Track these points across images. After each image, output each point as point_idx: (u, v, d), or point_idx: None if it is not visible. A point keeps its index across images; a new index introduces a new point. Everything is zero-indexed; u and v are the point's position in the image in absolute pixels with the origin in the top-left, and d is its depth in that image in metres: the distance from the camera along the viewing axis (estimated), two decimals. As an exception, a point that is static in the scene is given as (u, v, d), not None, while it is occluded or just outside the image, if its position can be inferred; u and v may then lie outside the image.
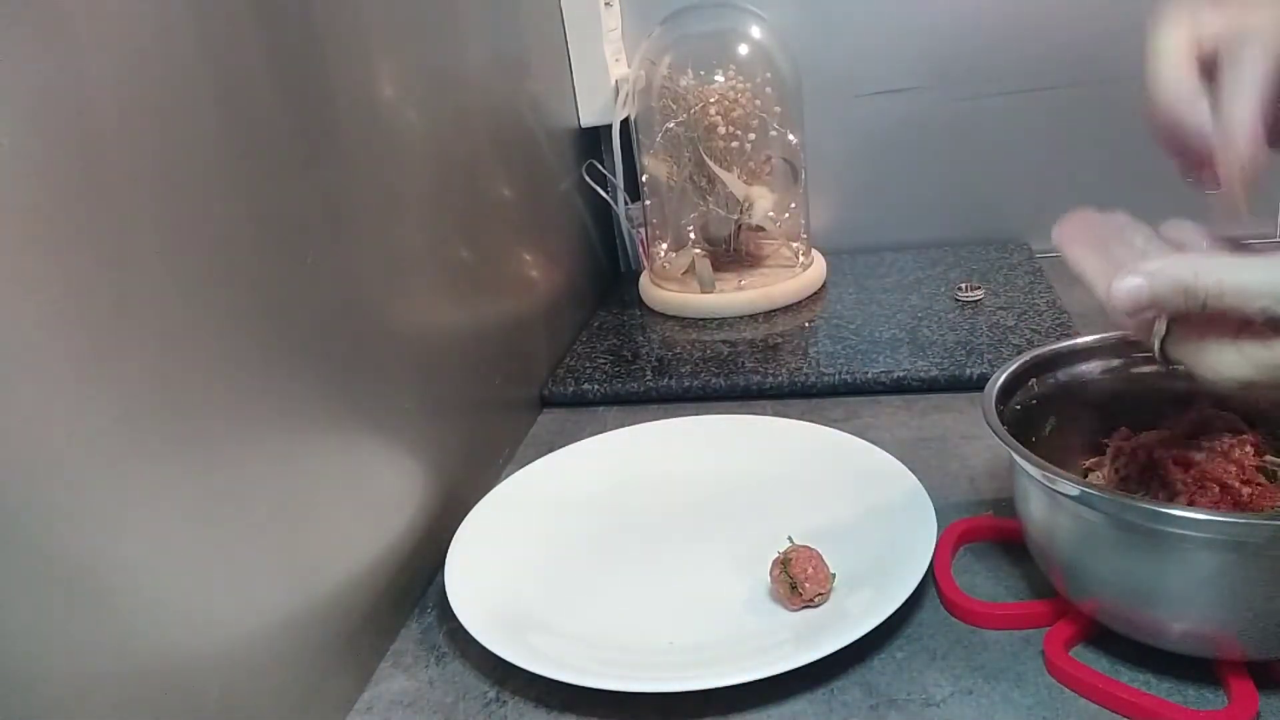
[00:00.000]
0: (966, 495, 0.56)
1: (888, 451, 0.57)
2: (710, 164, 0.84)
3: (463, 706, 0.45)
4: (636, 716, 0.43)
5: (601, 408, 0.74)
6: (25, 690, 0.28)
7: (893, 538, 0.50)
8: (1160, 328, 0.36)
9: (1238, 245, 0.37)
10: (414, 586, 0.53)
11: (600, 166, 0.94)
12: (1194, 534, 0.36)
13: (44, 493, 0.29)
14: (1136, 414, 0.49)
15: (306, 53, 0.45)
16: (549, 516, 0.58)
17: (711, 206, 0.88)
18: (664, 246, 0.93)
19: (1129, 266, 0.34)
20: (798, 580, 0.46)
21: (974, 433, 0.62)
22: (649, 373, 0.76)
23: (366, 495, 0.48)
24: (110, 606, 0.31)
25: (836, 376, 0.70)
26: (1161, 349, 0.37)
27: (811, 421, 0.64)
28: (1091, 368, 0.50)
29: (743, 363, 0.75)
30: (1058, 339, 0.50)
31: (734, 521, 0.56)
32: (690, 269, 0.88)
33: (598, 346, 0.83)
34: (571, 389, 0.75)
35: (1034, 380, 0.49)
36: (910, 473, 0.54)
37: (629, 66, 0.94)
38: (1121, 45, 0.88)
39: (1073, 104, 0.90)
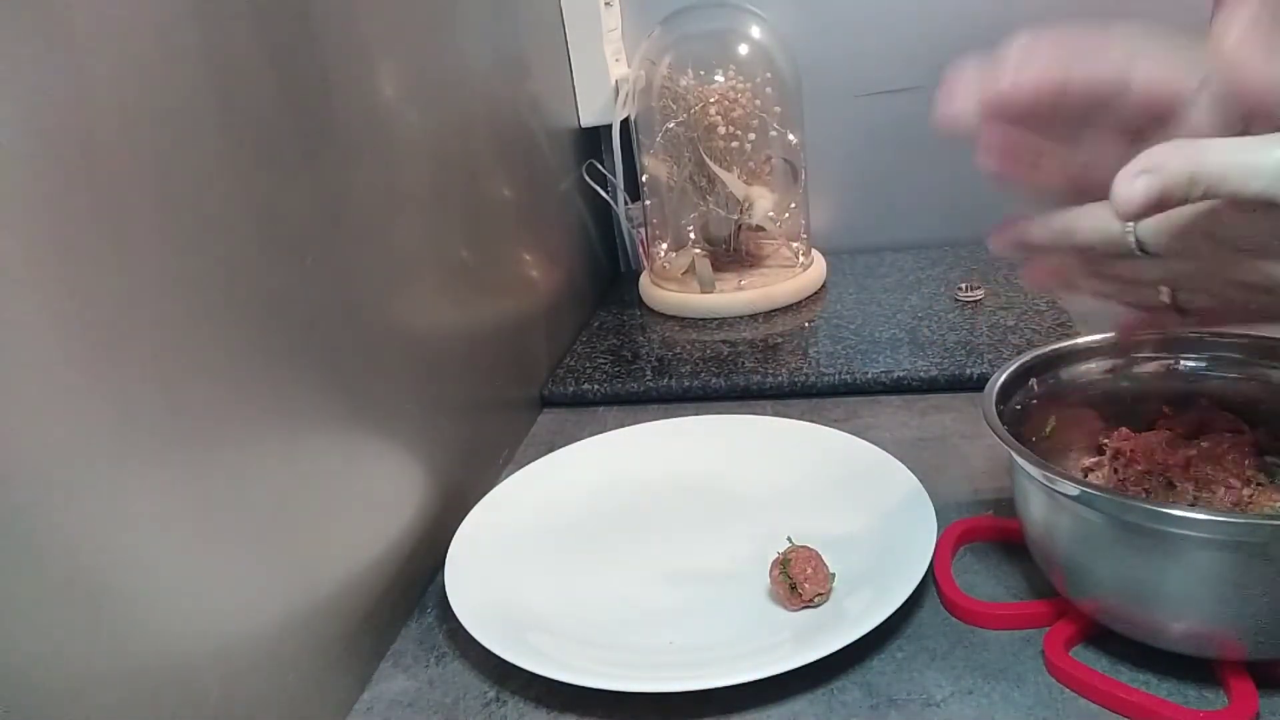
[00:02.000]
0: (966, 495, 0.56)
1: (888, 451, 0.57)
2: (710, 164, 0.84)
3: (463, 706, 0.45)
4: (636, 716, 0.43)
5: (601, 408, 0.74)
6: (25, 690, 0.28)
7: (893, 538, 0.50)
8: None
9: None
10: (414, 586, 0.53)
11: (600, 166, 0.94)
12: (1194, 534, 0.36)
13: (44, 493, 0.29)
14: (1136, 414, 0.49)
15: (306, 53, 0.45)
16: (549, 516, 0.58)
17: (711, 206, 0.88)
18: (664, 246, 0.93)
19: (1124, 170, 0.33)
20: (797, 581, 0.46)
21: (974, 433, 0.62)
22: (649, 373, 0.76)
23: (366, 495, 0.48)
24: (110, 606, 0.31)
25: (836, 376, 0.70)
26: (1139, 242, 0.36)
27: (811, 421, 0.64)
28: (1091, 368, 0.50)
29: (743, 363, 0.75)
30: (1058, 339, 0.50)
31: (733, 521, 0.56)
32: (690, 269, 0.88)
33: (598, 346, 0.83)
34: (571, 389, 0.75)
35: (1034, 380, 0.49)
36: (910, 473, 0.54)
37: (629, 66, 0.94)
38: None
39: (1073, 104, 0.90)
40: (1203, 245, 0.35)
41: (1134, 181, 0.32)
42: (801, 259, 0.90)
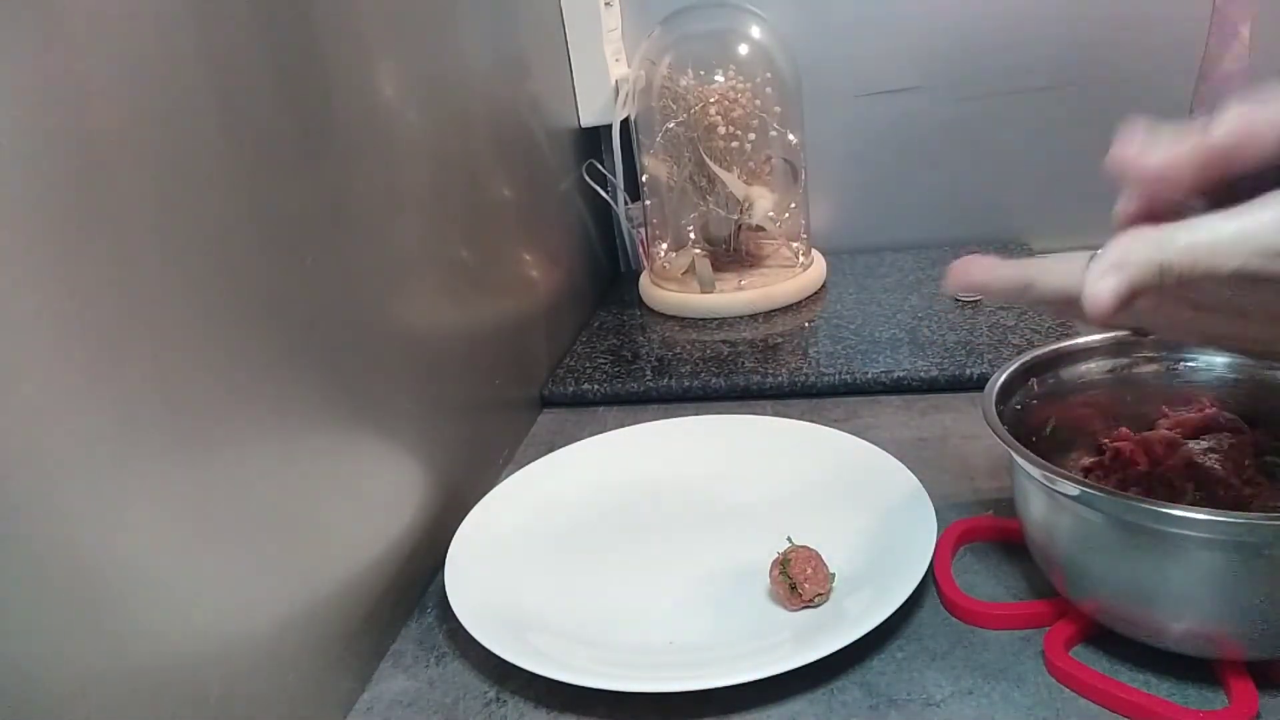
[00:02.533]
0: (966, 495, 0.56)
1: (888, 451, 0.57)
2: (710, 164, 0.84)
3: (463, 706, 0.45)
4: (636, 716, 0.43)
5: (601, 408, 0.74)
6: (25, 690, 0.28)
7: (893, 538, 0.50)
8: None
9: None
10: (414, 586, 0.53)
11: (600, 166, 0.94)
12: (1194, 534, 0.36)
13: (44, 493, 0.29)
14: (1136, 414, 0.49)
15: (307, 53, 0.45)
16: (549, 516, 0.58)
17: (711, 206, 0.88)
18: (664, 246, 0.93)
19: (1092, 267, 0.32)
20: (797, 581, 0.46)
21: (974, 433, 0.62)
22: (649, 373, 0.76)
23: (366, 495, 0.48)
24: (109, 606, 0.31)
25: (836, 376, 0.70)
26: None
27: (811, 421, 0.64)
28: (1091, 368, 0.50)
29: (743, 363, 0.75)
30: (1058, 339, 0.50)
31: (734, 521, 0.56)
32: (690, 269, 0.88)
33: (598, 346, 0.83)
34: (571, 389, 0.75)
35: (1034, 380, 0.49)
36: (910, 473, 0.54)
37: (629, 66, 0.94)
38: (1121, 45, 0.88)
39: (1073, 104, 0.90)
40: (1177, 307, 0.35)
41: (1101, 281, 0.31)
42: (801, 259, 0.90)
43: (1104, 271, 0.31)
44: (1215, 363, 0.48)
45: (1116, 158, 0.34)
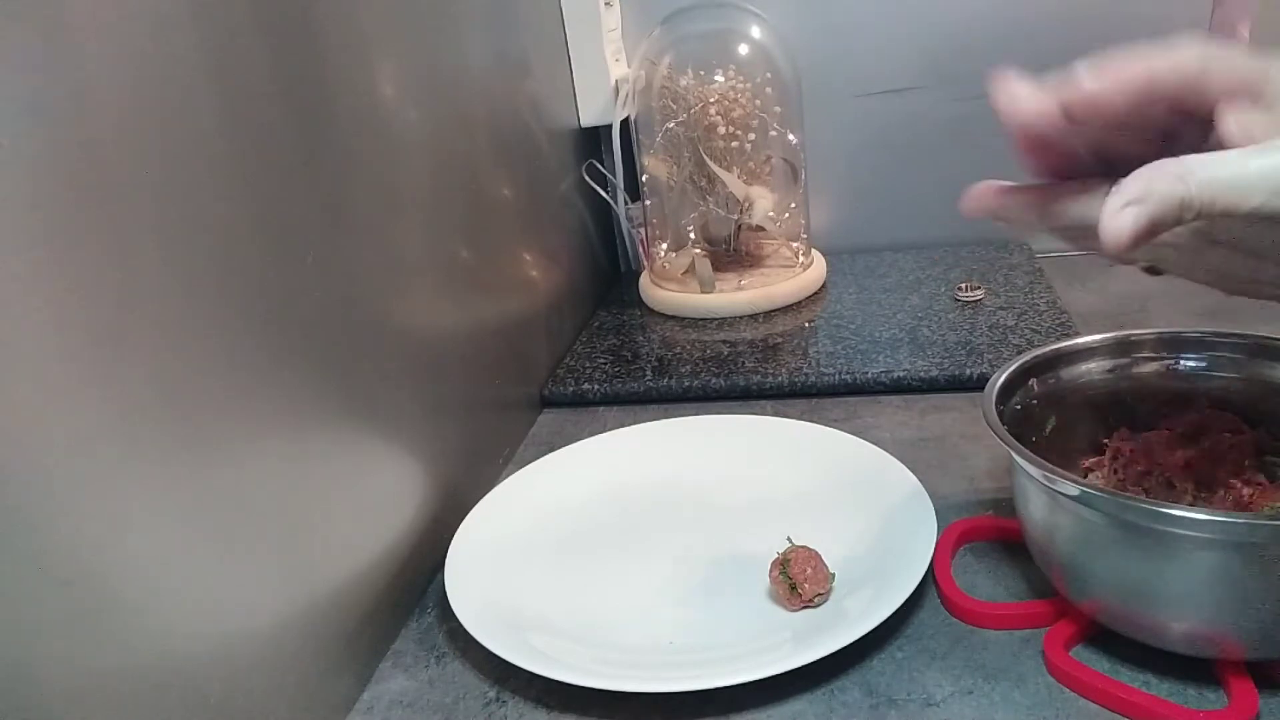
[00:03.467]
0: (966, 495, 0.56)
1: (888, 451, 0.57)
2: (710, 164, 0.84)
3: (463, 706, 0.45)
4: (636, 716, 0.43)
5: (601, 408, 0.74)
6: (25, 690, 0.28)
7: (893, 538, 0.50)
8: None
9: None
10: (414, 586, 0.53)
11: (600, 166, 0.94)
12: (1194, 534, 0.36)
13: (44, 493, 0.29)
14: (1136, 414, 0.49)
15: (307, 53, 0.45)
16: (549, 516, 0.58)
17: (711, 206, 0.88)
18: (664, 246, 0.93)
19: (1111, 199, 0.31)
20: (797, 581, 0.46)
21: (974, 433, 0.62)
22: (649, 373, 0.76)
23: (366, 495, 0.48)
24: (110, 606, 0.31)
25: (836, 376, 0.70)
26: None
27: (811, 421, 0.64)
28: (1091, 368, 0.50)
29: (743, 363, 0.75)
30: (1058, 339, 0.50)
31: (734, 521, 0.56)
32: (690, 269, 0.88)
33: (598, 346, 0.83)
34: (571, 389, 0.75)
35: (1034, 380, 0.49)
36: (910, 473, 0.54)
37: (629, 66, 0.94)
38: (1120, 45, 0.88)
39: (1073, 104, 0.90)
40: (1196, 241, 0.35)
41: (1121, 214, 0.31)
42: (801, 259, 0.90)
43: (1124, 205, 0.31)
44: (1215, 362, 0.48)
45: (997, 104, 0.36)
